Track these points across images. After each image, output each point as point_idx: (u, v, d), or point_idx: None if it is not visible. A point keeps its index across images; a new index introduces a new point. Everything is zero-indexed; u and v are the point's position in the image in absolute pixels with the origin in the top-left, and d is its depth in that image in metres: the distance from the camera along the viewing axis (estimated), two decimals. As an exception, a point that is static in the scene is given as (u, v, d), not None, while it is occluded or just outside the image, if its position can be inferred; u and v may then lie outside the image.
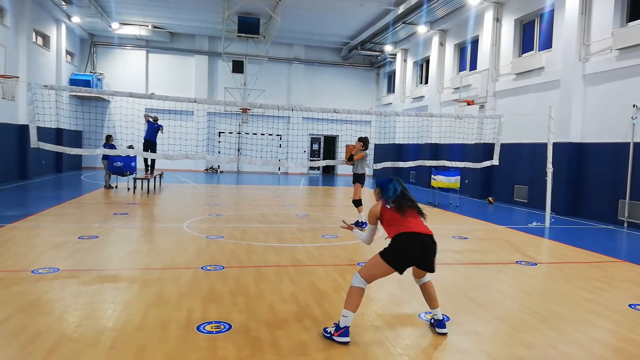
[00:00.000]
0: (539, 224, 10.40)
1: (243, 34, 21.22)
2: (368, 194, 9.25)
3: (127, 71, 24.82)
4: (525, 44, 15.22)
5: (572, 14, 12.31)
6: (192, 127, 23.54)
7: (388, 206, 3.83)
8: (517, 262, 6.71)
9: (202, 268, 5.66)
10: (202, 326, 3.84)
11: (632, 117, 10.63)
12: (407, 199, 3.86)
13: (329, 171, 28.70)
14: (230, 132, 25.82)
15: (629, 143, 10.71)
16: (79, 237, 7.18)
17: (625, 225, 10.67)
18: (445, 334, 3.85)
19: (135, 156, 13.95)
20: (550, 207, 10.62)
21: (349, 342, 3.55)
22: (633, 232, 9.95)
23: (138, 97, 8.96)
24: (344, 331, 3.57)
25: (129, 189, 14.20)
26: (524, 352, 3.62)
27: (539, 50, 14.37)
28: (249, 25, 21.06)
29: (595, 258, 7.20)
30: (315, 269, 5.90)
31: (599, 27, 11.83)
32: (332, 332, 3.62)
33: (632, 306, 4.80)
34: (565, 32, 12.60)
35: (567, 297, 5.07)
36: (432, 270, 3.76)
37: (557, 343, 3.81)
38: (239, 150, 25.88)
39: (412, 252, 3.63)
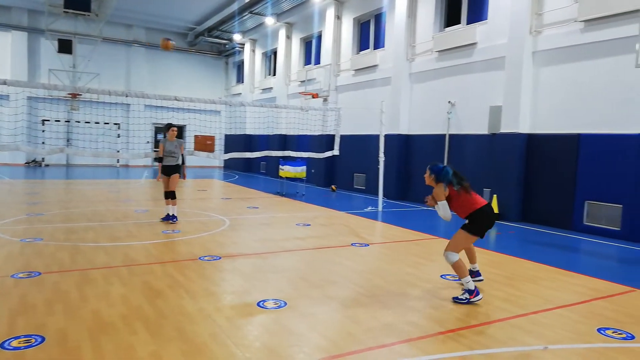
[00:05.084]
0: (373, 208, 11.36)
1: (71, 10, 18.91)
2: (219, 185, 9.01)
3: None
4: (362, 42, 16.37)
5: (401, 17, 13.60)
6: (6, 114, 20.24)
7: (455, 188, 4.62)
8: (352, 244, 7.21)
9: (11, 276, 4.89)
10: (7, 342, 3.32)
11: (447, 112, 12.20)
12: (465, 180, 4.68)
13: (176, 163, 27.33)
14: (57, 120, 22.82)
15: (445, 135, 12.29)
16: None
17: (443, 206, 12.24)
18: (481, 280, 5.04)
19: None
20: (383, 193, 11.68)
21: (482, 297, 4.60)
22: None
23: None
24: (475, 291, 4.52)
25: None
26: (352, 327, 3.89)
27: (374, 49, 15.59)
28: (77, 1, 18.84)
29: (417, 236, 8.13)
30: (152, 267, 5.54)
31: (423, 31, 13.28)
32: (468, 298, 4.49)
33: (443, 276, 5.52)
34: (395, 34, 13.88)
35: (392, 273, 5.61)
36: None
37: (380, 315, 4.18)
38: (68, 140, 23.09)
39: (490, 222, 4.65)
